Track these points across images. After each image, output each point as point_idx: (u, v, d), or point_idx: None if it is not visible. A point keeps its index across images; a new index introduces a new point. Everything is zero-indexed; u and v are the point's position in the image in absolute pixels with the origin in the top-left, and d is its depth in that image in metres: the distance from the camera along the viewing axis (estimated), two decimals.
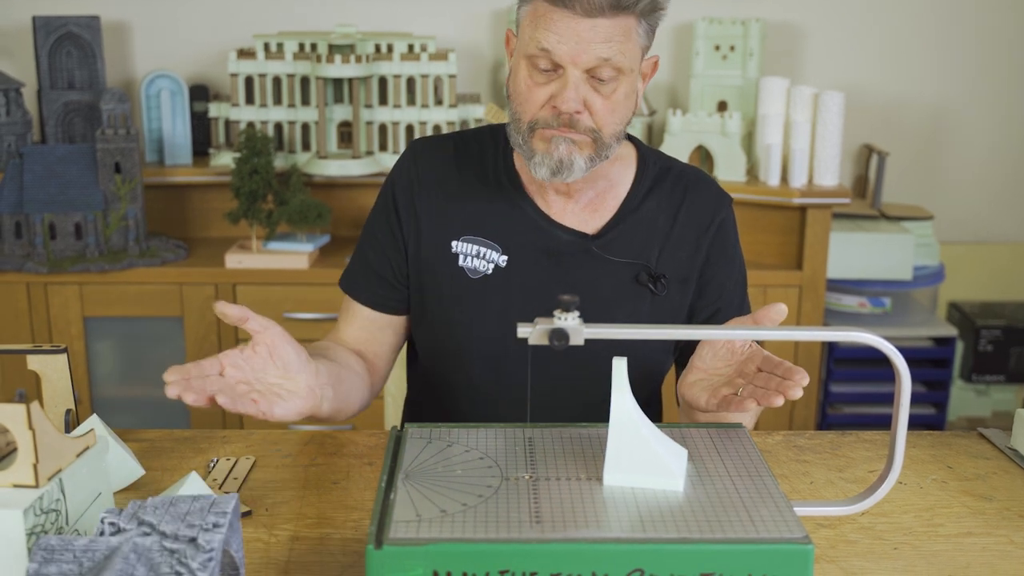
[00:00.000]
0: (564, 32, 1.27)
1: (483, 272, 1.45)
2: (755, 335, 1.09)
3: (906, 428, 1.09)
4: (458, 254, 1.45)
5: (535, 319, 1.08)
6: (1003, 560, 1.11)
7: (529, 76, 1.33)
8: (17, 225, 2.70)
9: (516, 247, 1.45)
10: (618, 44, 1.29)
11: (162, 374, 1.07)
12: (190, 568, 0.85)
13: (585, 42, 1.27)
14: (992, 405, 3.22)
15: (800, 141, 2.71)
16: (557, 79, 1.31)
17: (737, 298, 1.52)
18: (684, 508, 0.97)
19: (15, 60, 3.04)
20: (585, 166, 1.35)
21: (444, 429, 1.15)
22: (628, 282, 1.45)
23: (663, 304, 1.46)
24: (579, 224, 1.45)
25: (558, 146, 1.33)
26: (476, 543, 0.91)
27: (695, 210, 1.48)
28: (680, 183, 1.49)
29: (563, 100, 1.30)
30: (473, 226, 1.46)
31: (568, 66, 1.29)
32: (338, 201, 2.96)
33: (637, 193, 1.47)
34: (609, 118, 1.33)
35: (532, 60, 1.31)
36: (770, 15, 3.08)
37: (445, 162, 1.49)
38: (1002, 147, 3.24)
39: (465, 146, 1.50)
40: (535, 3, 1.31)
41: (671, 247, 1.47)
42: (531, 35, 1.31)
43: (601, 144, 1.34)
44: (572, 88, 1.29)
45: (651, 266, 1.45)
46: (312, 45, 2.85)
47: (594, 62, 1.29)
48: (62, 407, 1.17)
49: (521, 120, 1.35)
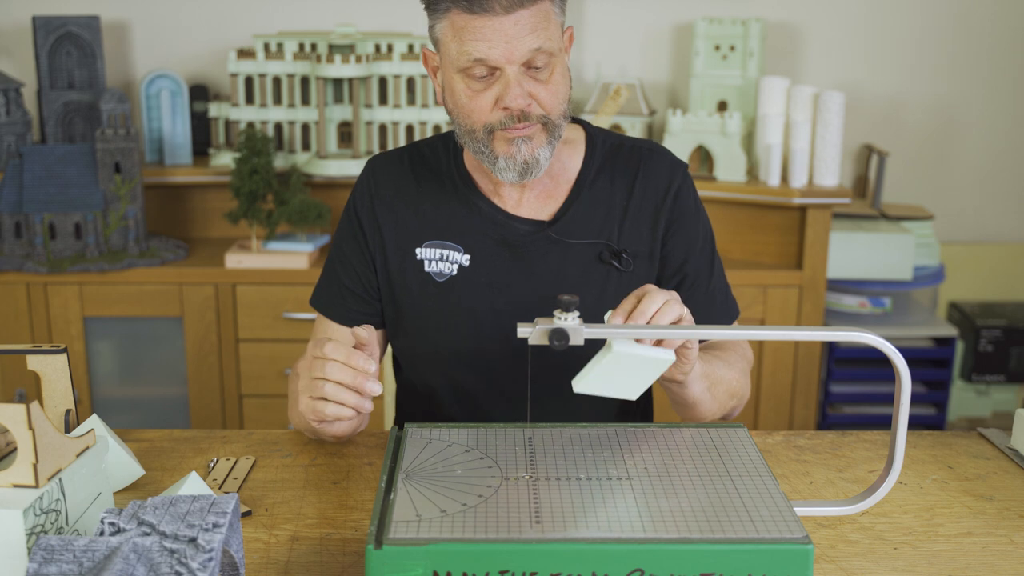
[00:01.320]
0: (491, 36, 1.29)
1: (448, 274, 1.47)
2: (755, 335, 1.10)
3: (906, 428, 1.09)
4: (423, 260, 1.48)
5: (535, 319, 1.08)
6: (1003, 560, 1.11)
7: (468, 87, 1.34)
8: (17, 225, 2.70)
9: (477, 245, 1.46)
10: (543, 31, 1.31)
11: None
12: (190, 568, 0.85)
13: (513, 39, 1.29)
14: (992, 405, 3.22)
15: (800, 141, 2.71)
16: (496, 81, 1.33)
17: (705, 265, 1.51)
18: (684, 508, 0.98)
19: (15, 60, 3.04)
20: (549, 154, 1.38)
21: (444, 429, 1.15)
22: (592, 262, 1.46)
23: (631, 280, 1.47)
24: (535, 213, 1.47)
25: (519, 148, 1.35)
26: (476, 543, 0.91)
27: (650, 182, 1.49)
28: (633, 157, 1.51)
29: (511, 99, 1.32)
30: (434, 231, 1.48)
31: (505, 66, 1.31)
32: (338, 201, 2.96)
33: (587, 173, 1.48)
34: (554, 100, 1.35)
35: (467, 71, 1.33)
36: (770, 15, 3.08)
37: (402, 174, 1.52)
38: (1002, 147, 3.24)
39: (419, 156, 1.53)
40: (451, 17, 1.32)
41: (630, 222, 1.48)
42: (459, 49, 1.32)
43: (552, 127, 1.37)
44: (515, 85, 1.31)
45: (612, 243, 1.47)
46: (312, 45, 2.85)
47: (527, 55, 1.30)
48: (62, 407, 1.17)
49: (475, 129, 1.36)
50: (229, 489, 1.24)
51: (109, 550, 0.86)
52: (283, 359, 2.73)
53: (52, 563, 0.85)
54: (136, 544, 0.87)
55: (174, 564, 0.86)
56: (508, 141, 1.35)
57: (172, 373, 2.75)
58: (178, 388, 2.76)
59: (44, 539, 0.87)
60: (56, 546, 0.86)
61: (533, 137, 1.35)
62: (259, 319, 2.71)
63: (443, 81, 1.39)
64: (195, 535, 0.88)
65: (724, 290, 1.55)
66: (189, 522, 0.90)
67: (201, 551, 0.87)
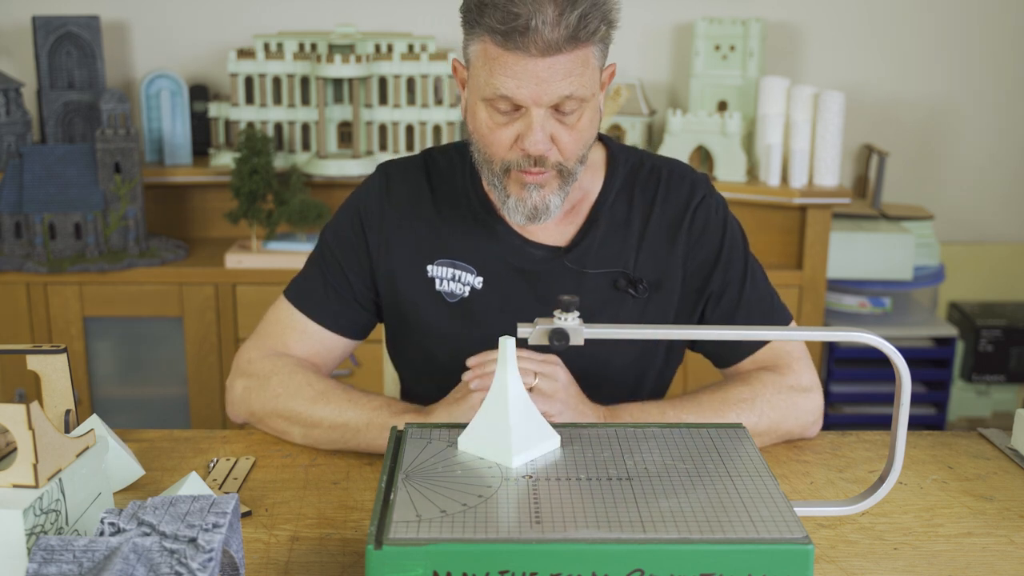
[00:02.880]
0: (521, 75, 1.23)
1: (460, 295, 1.43)
2: (754, 335, 1.10)
3: (906, 428, 1.09)
4: (434, 278, 1.44)
5: (535, 320, 1.08)
6: (1003, 560, 1.11)
7: (489, 118, 1.29)
8: (17, 225, 2.70)
9: (490, 269, 1.43)
10: (577, 77, 1.24)
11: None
12: (190, 568, 0.85)
13: (545, 82, 1.23)
14: (992, 405, 3.22)
15: (800, 141, 2.71)
16: (520, 118, 1.27)
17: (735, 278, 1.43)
18: (684, 508, 0.97)
19: (15, 60, 3.05)
20: (561, 200, 1.34)
21: (444, 429, 1.15)
22: (606, 289, 1.42)
23: (646, 307, 1.43)
24: (552, 237, 1.43)
25: (531, 194, 1.31)
26: (476, 543, 0.91)
27: (668, 206, 1.44)
28: (652, 179, 1.45)
29: (531, 143, 1.26)
30: (447, 250, 1.44)
31: (531, 107, 1.25)
32: (338, 201, 2.94)
33: (607, 196, 1.44)
34: (575, 147, 1.30)
35: (492, 103, 1.27)
36: (770, 15, 3.08)
37: (418, 186, 1.46)
38: (1002, 147, 3.24)
39: (436, 167, 1.47)
40: (484, 44, 1.25)
41: (647, 247, 1.43)
42: (487, 80, 1.26)
43: (567, 173, 1.32)
44: (538, 129, 1.26)
45: (628, 271, 1.42)
46: (312, 45, 2.85)
47: (556, 100, 1.25)
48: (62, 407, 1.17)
49: (492, 161, 1.32)
50: (229, 489, 1.24)
51: (109, 550, 0.86)
52: None
53: (52, 563, 0.85)
54: (136, 544, 0.87)
55: (174, 564, 0.86)
56: (521, 185, 1.31)
57: (172, 373, 2.75)
58: (178, 388, 2.76)
59: (44, 539, 0.87)
60: (56, 546, 0.86)
61: (545, 185, 1.31)
62: (259, 319, 2.70)
63: (468, 101, 1.33)
64: (195, 535, 0.88)
65: (765, 300, 1.47)
66: (189, 522, 0.90)
67: (201, 551, 0.87)
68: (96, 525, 0.99)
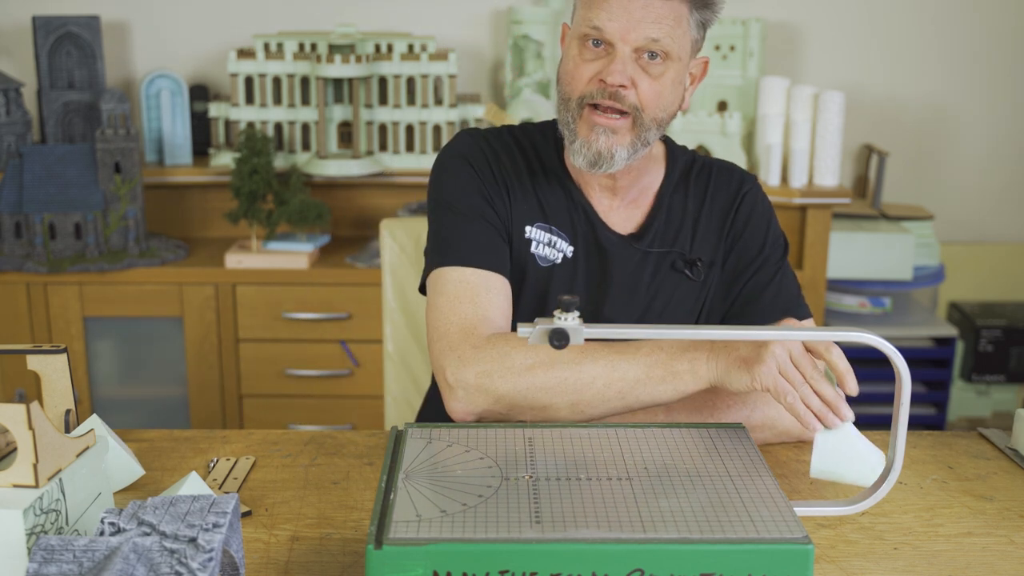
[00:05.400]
0: (616, 10, 1.31)
1: (552, 261, 1.46)
2: (755, 335, 1.10)
3: (906, 428, 1.09)
4: (531, 240, 1.46)
5: (535, 319, 1.08)
6: (1003, 560, 1.11)
7: (579, 54, 1.36)
8: (17, 225, 2.70)
9: (580, 240, 1.47)
10: (668, 27, 1.32)
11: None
12: (190, 568, 0.85)
13: (635, 20, 1.31)
14: (992, 405, 3.22)
15: (800, 141, 2.71)
16: (606, 56, 1.34)
17: (766, 275, 1.48)
18: (684, 508, 0.98)
19: (15, 60, 3.04)
20: (627, 155, 1.37)
21: (444, 429, 1.15)
22: (666, 270, 1.48)
23: (699, 288, 1.49)
24: (620, 222, 1.48)
25: (599, 137, 1.35)
26: (476, 543, 0.91)
27: (719, 196, 1.51)
28: (704, 172, 1.53)
29: (610, 73, 1.32)
30: (542, 214, 1.46)
31: (617, 43, 1.32)
32: (338, 201, 2.96)
33: (667, 187, 1.50)
34: (654, 100, 1.35)
35: (583, 39, 1.34)
36: (770, 15, 3.08)
37: (509, 152, 1.49)
38: (1002, 147, 3.24)
39: (523, 136, 1.51)
40: None
41: (701, 233, 1.49)
42: (584, 15, 1.34)
43: (641, 125, 1.35)
44: (619, 62, 1.32)
45: (686, 253, 1.48)
46: (312, 45, 2.85)
47: (642, 41, 1.32)
48: (62, 407, 1.17)
49: (570, 98, 1.37)
50: (229, 489, 1.24)
51: (109, 550, 0.86)
52: (283, 359, 2.73)
53: (52, 563, 0.85)
54: (136, 544, 0.87)
55: (174, 564, 0.86)
56: (591, 126, 1.35)
57: (172, 373, 2.75)
58: (178, 388, 2.76)
59: (44, 539, 0.87)
60: (56, 546, 0.86)
61: (617, 132, 1.35)
62: (259, 319, 2.71)
63: (564, 50, 1.40)
64: (195, 535, 0.88)
65: (794, 289, 1.52)
66: (189, 522, 0.90)
67: (201, 551, 0.87)
68: (96, 525, 0.99)
